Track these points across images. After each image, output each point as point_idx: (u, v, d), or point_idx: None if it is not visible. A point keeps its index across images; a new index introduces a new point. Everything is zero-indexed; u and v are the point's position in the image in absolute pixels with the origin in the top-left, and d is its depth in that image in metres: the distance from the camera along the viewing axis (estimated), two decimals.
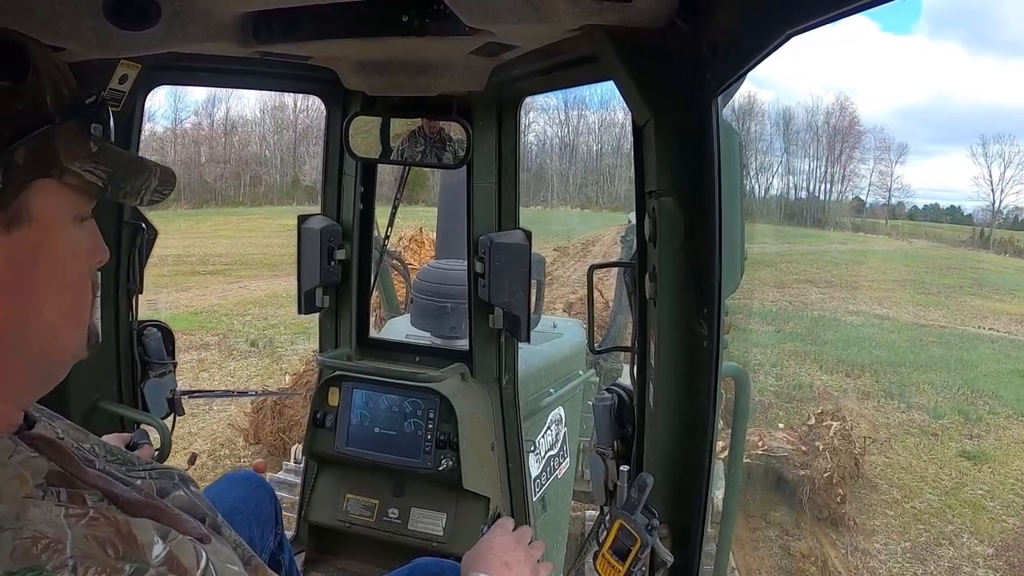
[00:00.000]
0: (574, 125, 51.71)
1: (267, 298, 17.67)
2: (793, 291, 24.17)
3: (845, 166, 48.44)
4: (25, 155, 0.69)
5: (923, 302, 23.86)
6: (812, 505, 8.42)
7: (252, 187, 46.69)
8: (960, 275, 30.08)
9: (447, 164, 2.37)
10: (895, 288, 26.10)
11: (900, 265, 31.91)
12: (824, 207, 48.35)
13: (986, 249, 39.85)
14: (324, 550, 2.63)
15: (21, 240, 0.71)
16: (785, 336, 17.89)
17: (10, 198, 0.69)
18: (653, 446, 1.45)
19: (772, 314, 20.11)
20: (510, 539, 1.43)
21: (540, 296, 2.68)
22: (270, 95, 45.92)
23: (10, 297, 0.72)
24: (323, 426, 2.53)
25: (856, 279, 27.58)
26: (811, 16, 0.80)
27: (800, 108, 50.24)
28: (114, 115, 1.79)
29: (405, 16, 1.50)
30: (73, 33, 1.33)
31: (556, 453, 3.63)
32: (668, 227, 1.31)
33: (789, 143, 48.49)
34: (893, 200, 49.19)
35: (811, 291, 24.46)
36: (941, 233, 44.82)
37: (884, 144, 49.43)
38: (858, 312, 21.53)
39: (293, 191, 44.45)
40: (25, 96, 0.70)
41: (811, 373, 14.70)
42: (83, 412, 1.97)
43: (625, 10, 1.18)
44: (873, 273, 29.47)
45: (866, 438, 9.88)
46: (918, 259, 33.99)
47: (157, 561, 0.67)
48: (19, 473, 0.69)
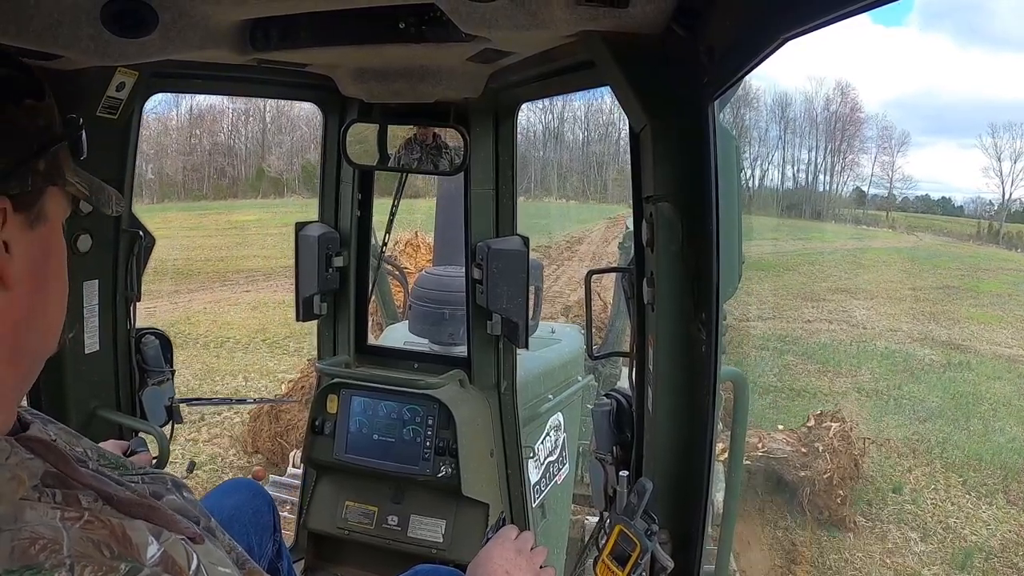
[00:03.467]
0: (558, 111, 49.86)
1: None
2: (831, 305, 19.78)
3: (845, 156, 47.67)
4: (45, 165, 0.77)
5: (981, 317, 19.00)
6: (812, 507, 8.41)
7: (217, 179, 43.85)
8: (999, 279, 24.79)
9: (444, 171, 2.38)
10: (943, 298, 21.11)
11: (930, 267, 26.72)
12: (825, 198, 47.32)
13: (995, 244, 38.53)
14: (323, 557, 2.62)
15: (39, 237, 0.78)
16: (877, 401, 12.62)
17: (34, 200, 0.77)
18: (652, 451, 1.45)
19: (826, 349, 15.50)
20: (511, 547, 1.42)
21: (538, 302, 2.68)
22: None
23: (32, 289, 0.78)
24: (322, 433, 2.52)
25: (896, 288, 22.60)
26: (806, 20, 0.81)
27: (794, 98, 49.24)
28: (112, 122, 1.81)
29: (402, 23, 1.50)
30: (71, 41, 1.33)
31: (555, 459, 3.62)
32: (666, 232, 1.31)
33: (785, 130, 47.69)
34: (898, 193, 48.19)
35: (852, 304, 19.90)
36: (943, 227, 43.27)
37: (885, 134, 48.44)
38: (926, 339, 16.53)
39: (258, 183, 42.44)
40: (44, 113, 0.78)
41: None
42: (81, 420, 1.96)
43: (621, 16, 1.19)
44: (908, 278, 24.36)
45: (865, 439, 9.82)
46: (946, 259, 28.73)
47: (152, 561, 0.68)
48: (16, 475, 0.70)
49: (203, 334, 13.55)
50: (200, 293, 17.15)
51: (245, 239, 25.50)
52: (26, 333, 0.78)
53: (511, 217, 2.41)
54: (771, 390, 12.72)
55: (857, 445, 9.04)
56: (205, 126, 44.11)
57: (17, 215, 0.74)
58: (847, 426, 9.09)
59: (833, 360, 14.81)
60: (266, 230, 25.51)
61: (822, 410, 9.83)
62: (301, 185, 41.46)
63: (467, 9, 1.27)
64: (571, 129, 49.63)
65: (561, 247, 24.68)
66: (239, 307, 15.39)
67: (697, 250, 1.27)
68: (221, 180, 43.52)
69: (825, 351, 15.32)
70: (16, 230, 0.74)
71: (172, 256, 19.63)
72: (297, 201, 36.48)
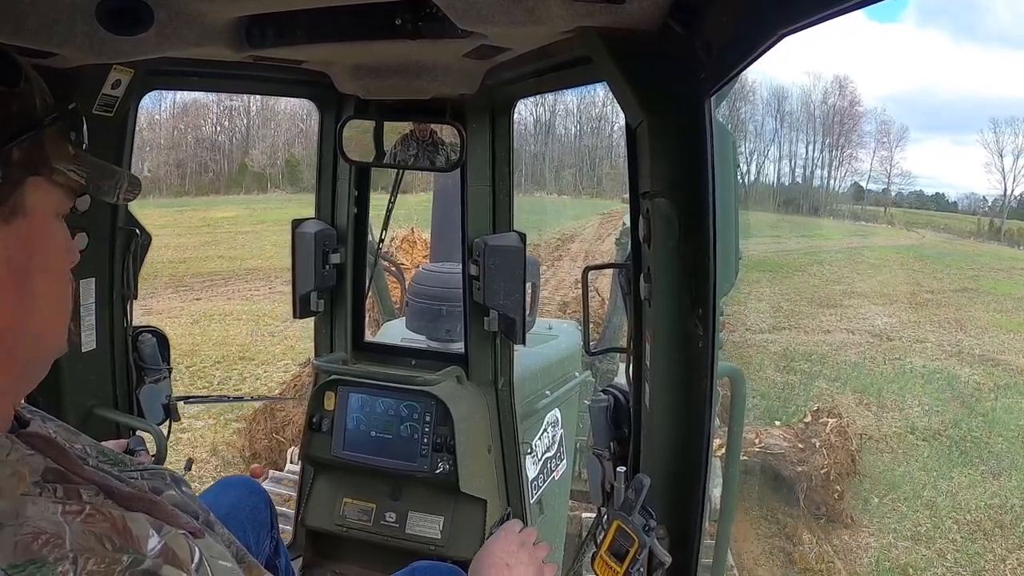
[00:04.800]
0: (550, 103, 48.55)
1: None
2: (849, 312, 18.68)
3: (843, 151, 47.27)
4: (20, 154, 0.74)
5: (1008, 325, 17.80)
6: (810, 502, 8.45)
7: (199, 175, 42.51)
8: (1014, 280, 24.20)
9: (440, 167, 2.38)
10: (964, 303, 20.15)
11: (941, 267, 26.00)
12: (822, 193, 46.84)
13: (997, 241, 38.07)
14: (321, 555, 2.62)
15: (17, 231, 0.75)
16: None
17: (8, 193, 0.73)
18: (650, 447, 1.45)
19: (859, 371, 13.92)
20: (513, 540, 1.43)
21: (535, 298, 2.68)
22: None
23: (10, 288, 0.75)
24: (319, 430, 2.52)
25: (913, 291, 21.36)
26: (804, 16, 0.81)
27: (791, 91, 48.71)
28: (108, 120, 1.80)
29: (398, 19, 1.50)
30: (66, 39, 1.32)
31: (553, 455, 3.63)
32: (663, 228, 1.32)
33: (781, 125, 47.30)
34: (893, 189, 47.81)
35: (871, 311, 18.42)
36: (941, 223, 42.75)
37: (884, 129, 48.04)
38: (961, 354, 15.11)
39: (240, 178, 41.49)
40: (19, 99, 0.75)
41: None
42: (78, 419, 1.96)
43: (618, 12, 1.18)
44: (921, 279, 23.52)
45: (862, 435, 9.81)
46: (955, 258, 28.20)
47: (153, 553, 0.69)
48: (17, 471, 0.70)
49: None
50: (143, 301, 16.69)
51: (215, 238, 25.04)
52: (13, 336, 0.75)
53: (508, 213, 2.41)
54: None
55: (854, 441, 9.08)
56: (189, 120, 43.04)
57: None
58: (844, 422, 9.14)
59: (872, 387, 13.31)
60: (239, 228, 24.89)
61: (819, 406, 9.87)
62: (284, 180, 40.70)
63: (463, 5, 1.26)
64: (563, 122, 48.81)
65: (552, 245, 23.74)
66: (179, 321, 14.63)
67: (694, 246, 1.27)
68: (204, 176, 42.48)
69: (859, 373, 13.74)
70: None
71: None
72: (280, 196, 35.65)
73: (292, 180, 40.43)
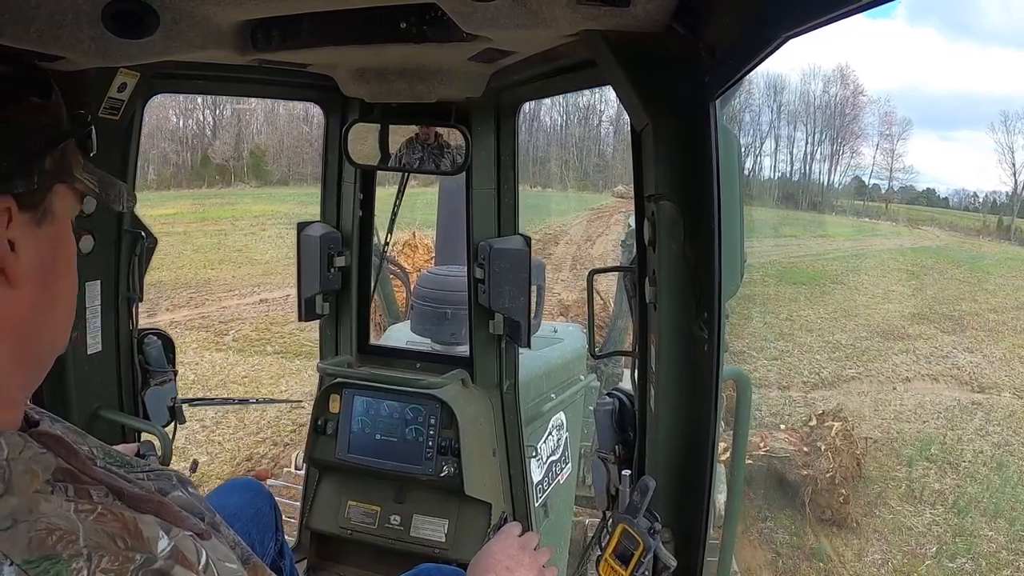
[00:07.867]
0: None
1: None
2: (920, 345, 15.47)
3: (843, 145, 46.57)
4: (51, 163, 0.78)
5: None
6: (815, 506, 8.42)
7: (161, 166, 39.86)
8: None
9: (446, 170, 2.38)
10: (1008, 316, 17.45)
11: (980, 274, 23.14)
12: (820, 188, 46.00)
13: (1007, 240, 36.44)
14: (326, 557, 2.62)
15: (48, 235, 0.79)
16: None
17: (41, 199, 0.77)
18: (655, 450, 1.45)
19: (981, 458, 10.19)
20: (514, 544, 1.42)
21: (540, 301, 2.68)
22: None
23: (38, 288, 0.78)
24: (324, 433, 2.53)
25: (979, 310, 18.14)
26: (807, 19, 0.81)
27: (790, 81, 47.84)
28: (113, 123, 1.81)
29: (403, 23, 1.50)
30: (72, 42, 1.33)
31: (558, 458, 3.62)
32: (667, 231, 1.31)
33: (779, 116, 46.71)
34: (887, 184, 47.09)
35: (944, 342, 15.03)
36: (942, 219, 41.69)
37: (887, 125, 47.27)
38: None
39: (203, 171, 39.94)
40: (51, 111, 0.79)
41: None
42: (84, 420, 1.96)
43: (622, 15, 1.18)
44: (970, 291, 20.47)
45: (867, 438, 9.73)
46: (990, 263, 25.32)
47: (164, 554, 0.70)
48: (30, 468, 0.71)
49: None
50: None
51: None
52: (33, 332, 0.78)
53: (513, 216, 2.41)
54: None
55: (859, 444, 9.04)
56: (151, 111, 41.92)
57: (23, 214, 0.75)
58: (848, 425, 9.10)
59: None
60: (171, 228, 21.96)
61: (823, 410, 9.82)
62: (249, 173, 39.38)
63: (468, 9, 1.27)
64: (548, 112, 46.96)
65: (536, 244, 19.69)
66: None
67: (699, 249, 1.27)
68: (165, 168, 40.17)
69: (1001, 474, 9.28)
70: (22, 229, 0.75)
71: None
72: (241, 191, 33.61)
73: (257, 173, 39.39)
